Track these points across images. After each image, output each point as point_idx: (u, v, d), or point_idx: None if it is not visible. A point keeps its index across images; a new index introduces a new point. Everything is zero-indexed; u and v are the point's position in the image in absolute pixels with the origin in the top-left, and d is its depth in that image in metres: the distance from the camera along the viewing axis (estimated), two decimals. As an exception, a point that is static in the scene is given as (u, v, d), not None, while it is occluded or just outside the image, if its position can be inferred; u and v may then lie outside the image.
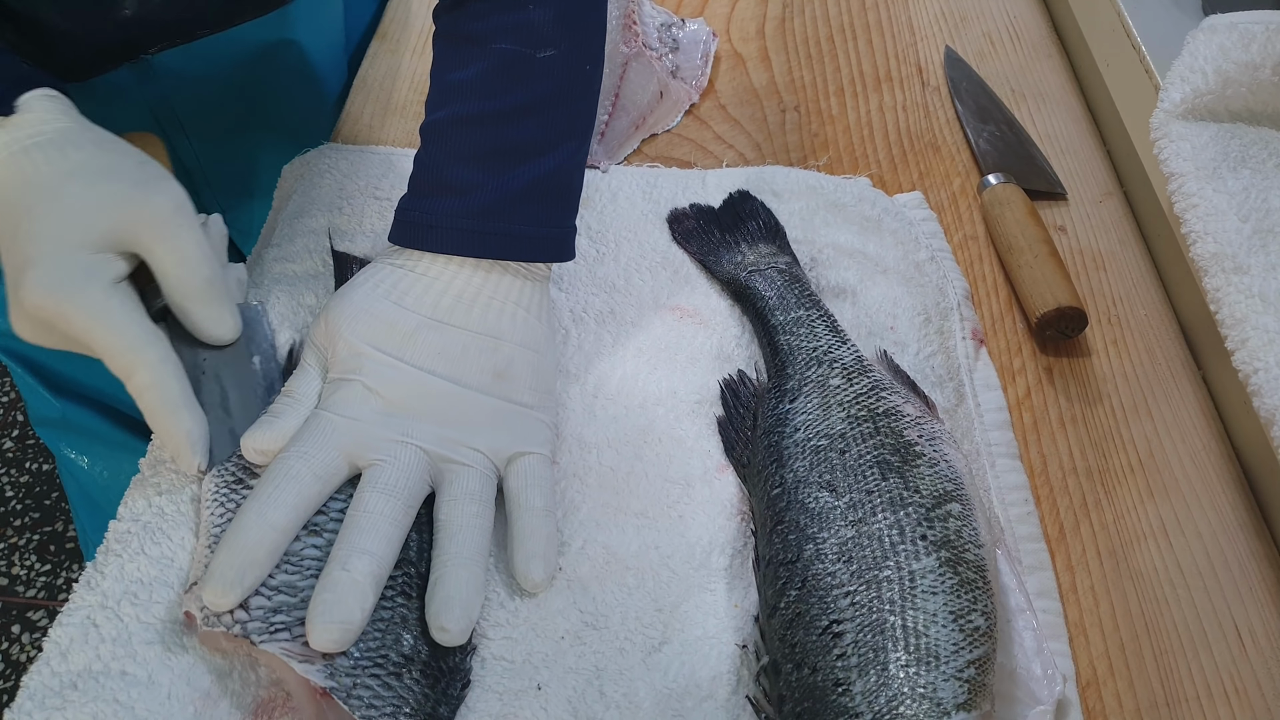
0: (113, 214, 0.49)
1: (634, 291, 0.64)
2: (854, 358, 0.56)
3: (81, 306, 0.47)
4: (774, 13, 0.89)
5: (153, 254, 0.50)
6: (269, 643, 0.44)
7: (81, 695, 0.46)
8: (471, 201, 0.54)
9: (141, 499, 0.53)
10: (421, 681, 0.45)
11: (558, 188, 0.57)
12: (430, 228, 0.54)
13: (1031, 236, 0.66)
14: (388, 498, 0.48)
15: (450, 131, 0.55)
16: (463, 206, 0.54)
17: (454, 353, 0.53)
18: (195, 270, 0.51)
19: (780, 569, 0.48)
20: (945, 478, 0.50)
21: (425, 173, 0.56)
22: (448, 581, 0.47)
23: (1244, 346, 0.54)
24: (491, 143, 0.54)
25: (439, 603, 0.47)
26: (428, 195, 0.55)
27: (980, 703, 0.42)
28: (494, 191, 0.54)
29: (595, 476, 0.55)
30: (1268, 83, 0.62)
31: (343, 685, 0.43)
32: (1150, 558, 0.55)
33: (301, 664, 0.44)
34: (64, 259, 0.48)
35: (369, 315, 0.53)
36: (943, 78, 0.82)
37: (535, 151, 0.55)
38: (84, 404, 0.78)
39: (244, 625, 0.45)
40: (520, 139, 0.55)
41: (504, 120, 0.54)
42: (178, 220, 0.51)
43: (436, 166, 0.55)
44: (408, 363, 0.52)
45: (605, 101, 0.78)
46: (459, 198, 0.54)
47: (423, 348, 0.52)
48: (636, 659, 0.49)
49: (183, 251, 0.51)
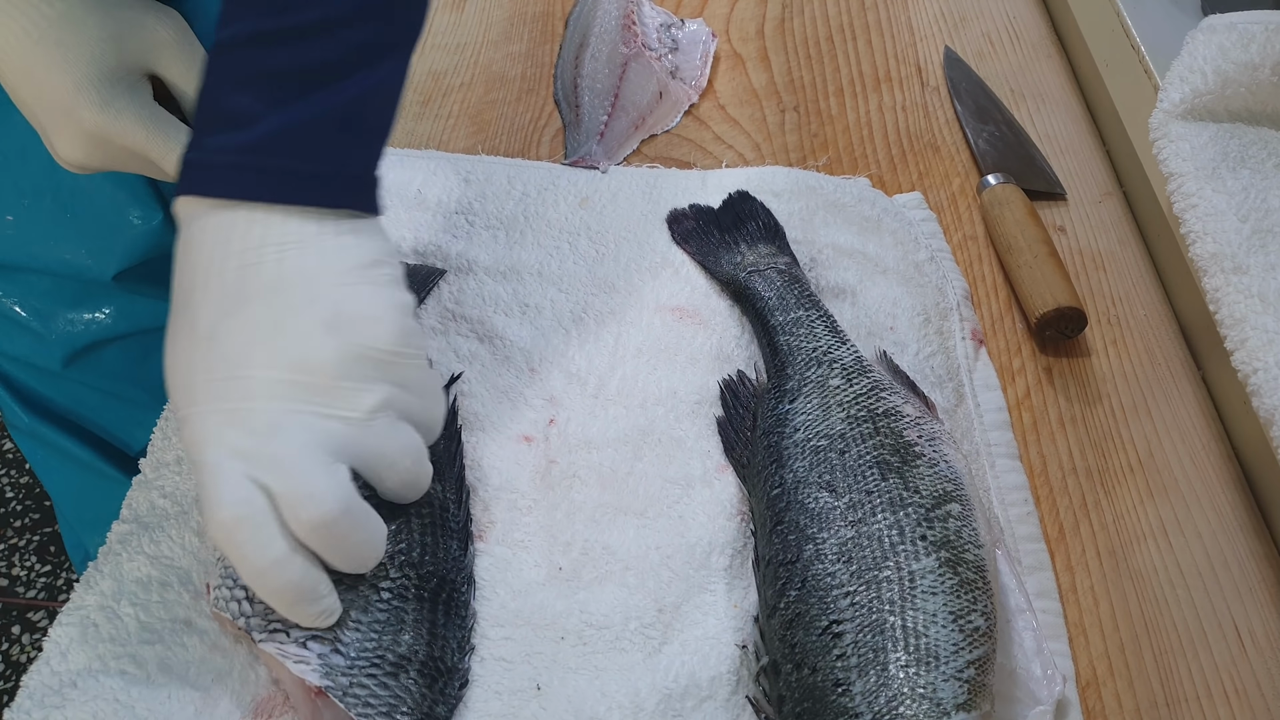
0: (136, 37, 0.53)
1: (634, 292, 0.64)
2: (854, 358, 0.56)
3: (138, 120, 0.53)
4: (773, 13, 0.89)
5: (170, 71, 0.55)
6: (266, 641, 0.45)
7: (81, 695, 0.46)
8: (248, 134, 0.45)
9: (142, 499, 0.53)
10: (419, 681, 0.45)
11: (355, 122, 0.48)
12: (203, 168, 0.46)
13: (1031, 236, 0.66)
14: None
15: (235, 53, 0.46)
16: (240, 140, 0.45)
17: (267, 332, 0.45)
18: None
19: (780, 569, 0.48)
20: (945, 478, 0.50)
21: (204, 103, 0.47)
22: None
23: (1243, 346, 0.54)
24: (281, 63, 0.46)
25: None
26: (205, 130, 0.46)
27: (980, 703, 0.42)
28: (276, 120, 0.46)
29: (595, 476, 0.55)
30: (1267, 83, 0.62)
31: (338, 684, 0.44)
32: (1150, 558, 0.55)
33: (296, 664, 0.44)
34: (111, 80, 0.52)
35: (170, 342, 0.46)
36: (942, 78, 0.82)
37: (330, 76, 0.47)
38: (53, 422, 0.78)
39: (247, 620, 0.45)
40: (314, 60, 0.46)
41: (297, 37, 0.46)
42: (186, 39, 0.55)
43: (215, 94, 0.46)
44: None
45: (605, 102, 0.78)
46: (236, 131, 0.46)
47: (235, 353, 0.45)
48: (637, 659, 0.49)
49: (196, 67, 0.55)
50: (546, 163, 0.73)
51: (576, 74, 0.81)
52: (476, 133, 0.79)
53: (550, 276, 0.65)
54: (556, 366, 0.60)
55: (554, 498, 0.55)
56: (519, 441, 0.57)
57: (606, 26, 0.83)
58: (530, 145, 0.78)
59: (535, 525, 0.54)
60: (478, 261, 0.66)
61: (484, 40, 0.88)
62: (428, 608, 0.48)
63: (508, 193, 0.70)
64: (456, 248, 0.66)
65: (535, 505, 0.54)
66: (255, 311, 0.45)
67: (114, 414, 0.79)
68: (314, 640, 0.45)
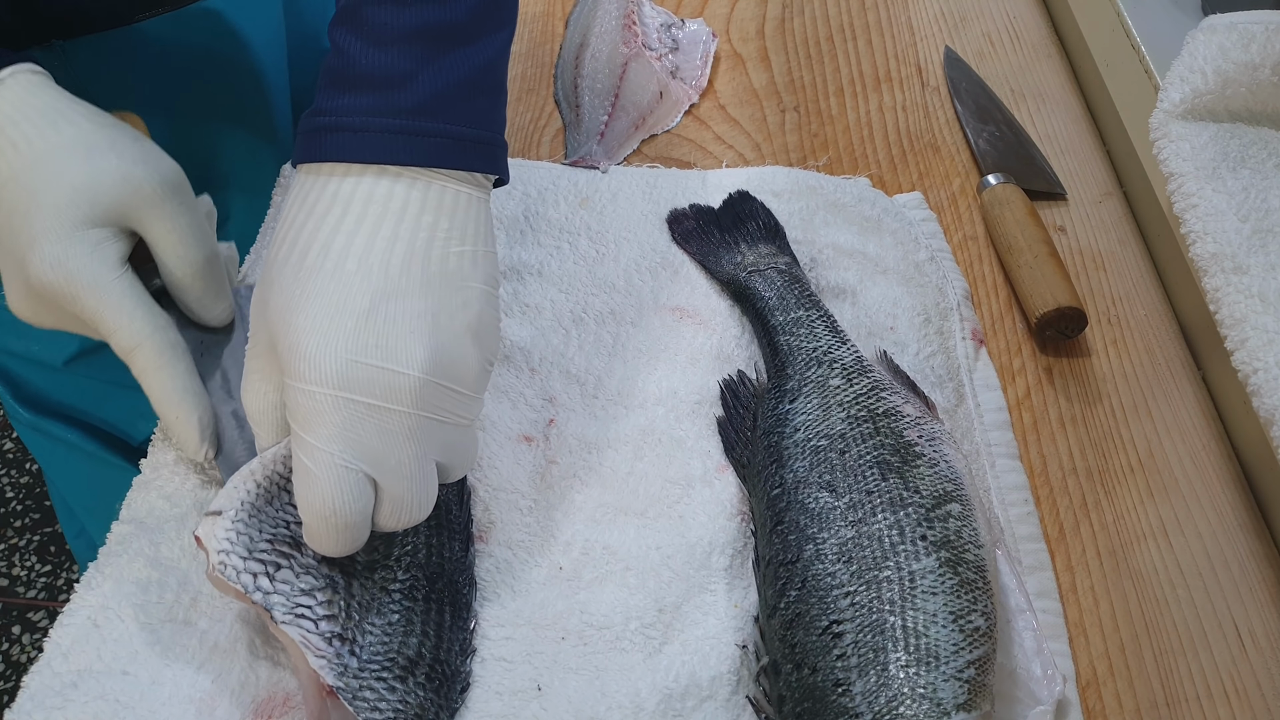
0: (114, 190, 0.47)
1: (634, 292, 0.64)
2: (854, 358, 0.56)
3: (90, 286, 0.46)
4: (774, 13, 0.89)
5: (152, 232, 0.49)
6: (291, 625, 0.44)
7: (82, 695, 0.46)
8: (402, 96, 0.44)
9: (142, 501, 0.53)
10: (425, 685, 0.45)
11: (496, 85, 0.48)
12: (353, 132, 0.43)
13: (1031, 236, 0.66)
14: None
15: (367, 11, 0.44)
16: (392, 102, 0.44)
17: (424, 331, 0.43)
18: (196, 249, 0.49)
19: (780, 569, 0.48)
20: (945, 478, 0.50)
21: (338, 66, 0.45)
22: None
23: (1244, 346, 0.54)
24: (421, 21, 0.44)
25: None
26: (344, 93, 0.44)
27: (980, 703, 0.42)
28: (429, 81, 0.44)
29: (595, 476, 0.55)
30: (1267, 83, 0.62)
31: (350, 686, 0.43)
32: (1150, 558, 0.55)
33: (317, 658, 0.43)
34: (72, 236, 0.46)
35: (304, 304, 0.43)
36: (942, 78, 0.82)
37: (469, 37, 0.46)
38: (53, 417, 0.77)
39: (267, 597, 0.44)
40: (453, 19, 0.45)
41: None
42: (178, 197, 0.49)
43: (352, 56, 0.44)
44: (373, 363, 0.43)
45: (605, 102, 0.78)
46: (385, 92, 0.44)
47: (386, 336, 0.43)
48: (637, 659, 0.49)
49: (183, 230, 0.49)
50: (546, 163, 0.73)
51: (577, 74, 0.81)
52: (476, 133, 0.79)
53: (550, 276, 0.65)
54: (556, 366, 0.60)
55: (554, 498, 0.55)
56: (519, 441, 0.57)
57: (607, 26, 0.83)
58: (530, 145, 0.78)
59: (535, 525, 0.54)
60: (478, 262, 0.66)
61: (484, 40, 0.88)
62: (434, 609, 0.48)
63: (508, 193, 0.70)
64: (457, 248, 0.66)
65: (535, 505, 0.54)
66: (415, 304, 0.43)
67: (116, 407, 0.78)
68: (336, 638, 0.44)
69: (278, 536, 0.46)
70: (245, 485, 0.47)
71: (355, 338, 0.42)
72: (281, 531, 0.46)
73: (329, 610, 0.45)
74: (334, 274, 0.43)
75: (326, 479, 0.42)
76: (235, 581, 0.44)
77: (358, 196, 0.44)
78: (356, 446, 0.42)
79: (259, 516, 0.46)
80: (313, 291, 0.43)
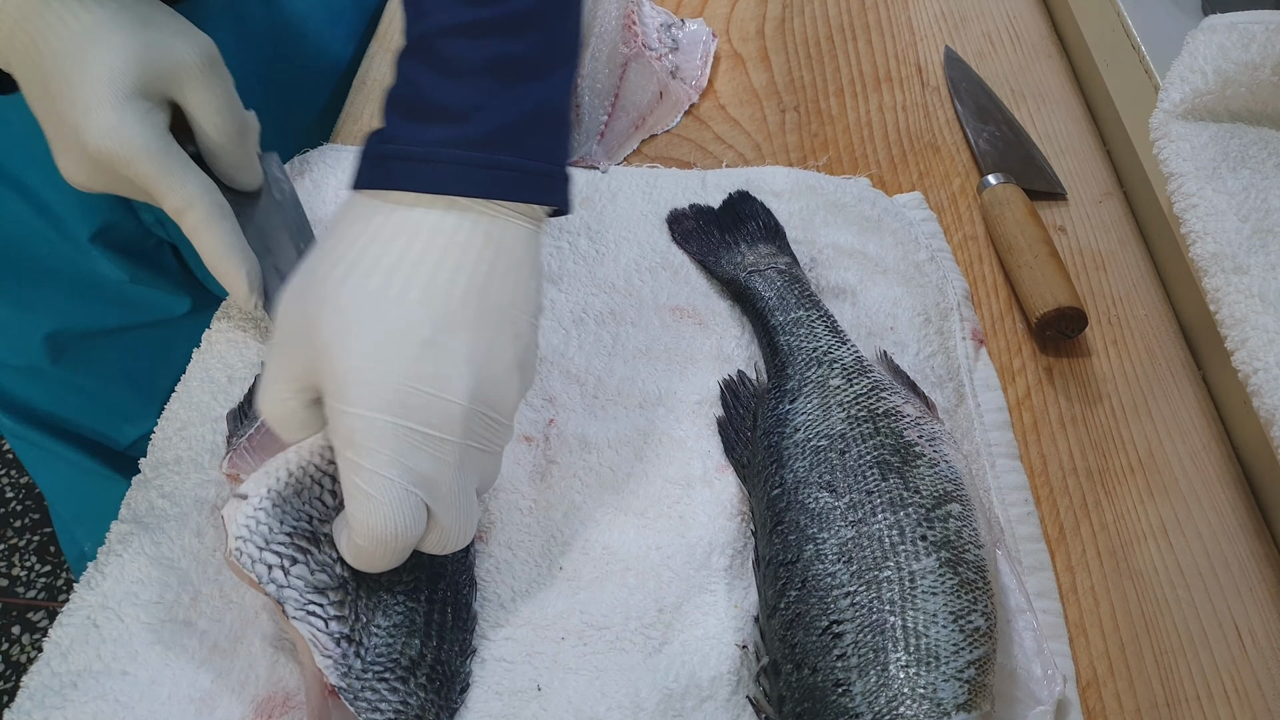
0: (159, 61, 0.51)
1: (634, 292, 0.64)
2: (854, 358, 0.56)
3: (145, 151, 0.50)
4: (774, 13, 0.89)
5: (192, 101, 0.53)
6: (301, 621, 0.44)
7: (82, 695, 0.46)
8: (471, 128, 0.44)
9: (142, 499, 0.53)
10: (426, 686, 0.45)
11: (560, 119, 0.48)
12: (422, 162, 0.44)
13: (1031, 236, 0.66)
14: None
15: (439, 43, 0.45)
16: (460, 134, 0.44)
17: (478, 363, 0.44)
18: (231, 118, 0.54)
19: (780, 569, 0.48)
20: (945, 478, 0.50)
21: (407, 96, 0.45)
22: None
23: (1244, 346, 0.54)
24: (491, 54, 0.45)
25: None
26: (413, 123, 0.45)
27: (980, 703, 0.42)
28: (497, 114, 0.44)
29: (595, 476, 0.55)
30: (1267, 83, 0.62)
31: (352, 687, 0.43)
32: (1150, 558, 0.55)
33: (324, 658, 0.43)
34: (124, 105, 0.50)
35: (363, 327, 0.43)
36: (942, 78, 0.82)
37: (536, 71, 0.46)
38: (37, 425, 0.77)
39: (280, 590, 0.44)
40: (521, 53, 0.45)
41: (503, 30, 0.45)
42: (215, 69, 0.53)
43: (421, 87, 0.45)
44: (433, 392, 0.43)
45: (605, 102, 0.78)
46: (454, 124, 0.44)
47: (443, 365, 0.43)
48: (637, 659, 0.49)
49: (220, 100, 0.53)
50: (546, 163, 0.73)
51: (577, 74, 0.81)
52: (476, 133, 0.79)
53: (550, 276, 0.65)
54: (556, 366, 0.60)
55: (554, 498, 0.55)
56: (519, 441, 0.57)
57: (606, 26, 0.83)
58: (530, 145, 0.78)
59: (535, 525, 0.54)
60: (478, 261, 0.66)
61: (484, 40, 0.88)
62: (436, 610, 0.48)
63: (508, 193, 0.70)
64: (457, 248, 0.66)
65: (535, 505, 0.54)
66: (471, 335, 0.44)
67: (98, 410, 0.78)
68: (344, 639, 0.44)
69: (298, 530, 0.46)
70: (277, 473, 0.46)
71: (415, 366, 0.43)
72: (303, 526, 0.46)
73: (339, 611, 0.45)
74: (398, 301, 0.43)
75: (389, 503, 0.42)
76: (249, 570, 0.44)
77: (425, 227, 0.44)
78: (412, 473, 0.43)
79: (283, 507, 0.46)
80: (375, 316, 0.43)
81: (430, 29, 0.45)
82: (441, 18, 0.45)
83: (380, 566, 0.45)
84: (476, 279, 0.44)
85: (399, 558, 0.45)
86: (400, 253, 0.44)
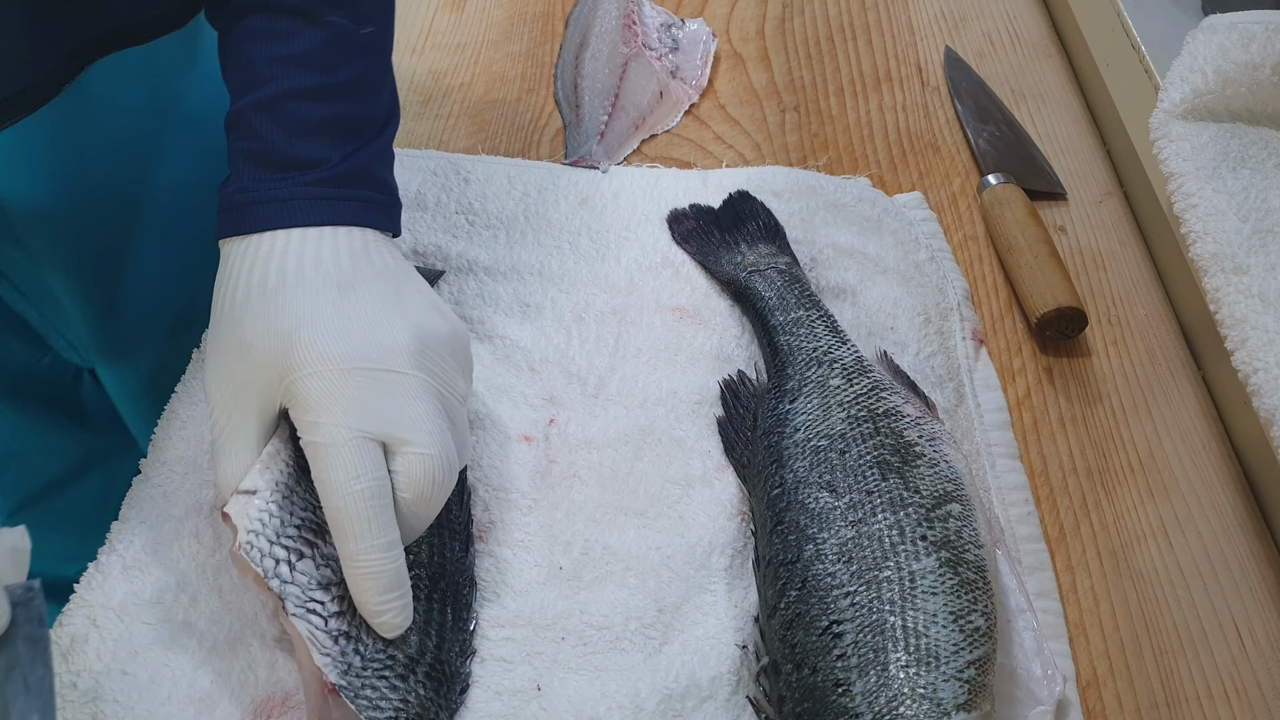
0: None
1: (634, 291, 0.64)
2: (854, 358, 0.56)
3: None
4: (774, 13, 0.89)
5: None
6: (300, 619, 0.44)
7: (82, 695, 0.46)
8: (323, 172, 0.50)
9: (142, 499, 0.53)
10: (426, 684, 0.45)
11: (389, 161, 0.55)
12: (284, 201, 0.49)
13: (1031, 236, 0.66)
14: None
15: (288, 107, 0.50)
16: (314, 177, 0.50)
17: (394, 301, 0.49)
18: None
19: (780, 569, 0.48)
20: (945, 478, 0.50)
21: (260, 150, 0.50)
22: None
23: (1244, 346, 0.54)
24: (340, 116, 0.51)
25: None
26: (270, 176, 0.50)
27: (980, 703, 0.42)
28: (344, 164, 0.51)
29: (595, 476, 0.55)
30: (1267, 83, 0.62)
31: (352, 685, 0.43)
32: (1150, 558, 0.55)
33: (322, 655, 0.43)
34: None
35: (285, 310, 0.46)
36: (942, 78, 0.82)
37: (374, 128, 0.54)
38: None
39: (284, 585, 0.44)
40: (361, 114, 0.53)
41: (345, 95, 0.52)
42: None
43: (275, 144, 0.50)
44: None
45: (605, 102, 0.78)
46: (308, 171, 0.50)
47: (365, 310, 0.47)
48: (637, 659, 0.49)
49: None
50: (546, 163, 0.73)
51: (577, 74, 0.81)
52: (476, 133, 0.79)
53: (550, 276, 0.65)
54: (556, 366, 0.60)
55: (554, 498, 0.55)
56: (519, 441, 0.57)
57: (607, 26, 0.83)
58: (530, 145, 0.78)
59: (535, 525, 0.54)
60: (478, 261, 0.66)
61: (484, 40, 0.88)
62: (436, 609, 0.48)
63: (508, 193, 0.70)
64: (456, 248, 0.66)
65: (535, 505, 0.54)
66: (376, 287, 0.48)
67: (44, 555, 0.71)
68: (342, 637, 0.44)
69: (305, 522, 0.46)
70: (275, 465, 0.46)
71: (339, 318, 0.46)
72: (309, 517, 0.46)
73: (339, 607, 0.45)
74: (297, 282, 0.47)
75: (346, 449, 0.43)
76: (258, 564, 0.44)
77: (294, 237, 0.49)
78: (371, 415, 0.44)
79: (290, 498, 0.46)
80: (285, 300, 0.46)
81: (277, 93, 0.50)
82: (289, 83, 0.50)
83: (372, 533, 0.43)
84: (356, 251, 0.49)
85: (377, 505, 0.44)
86: (281, 257, 0.48)
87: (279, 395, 0.46)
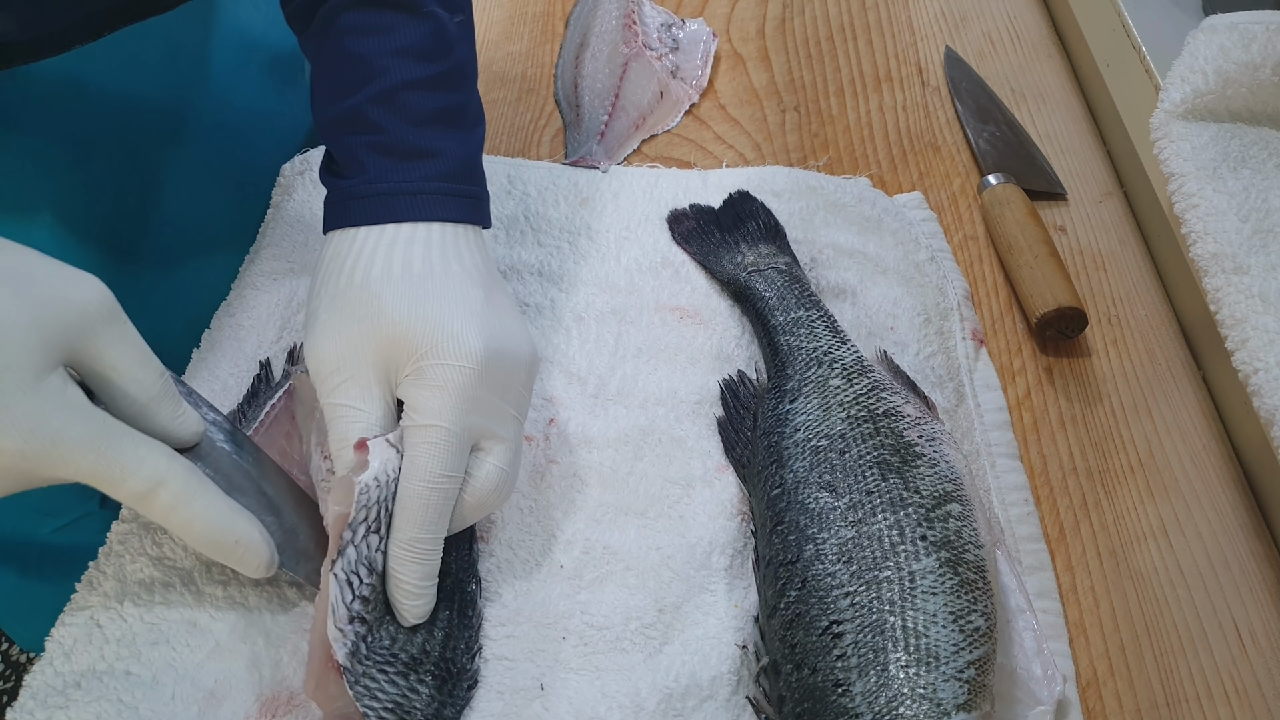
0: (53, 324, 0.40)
1: (634, 291, 0.64)
2: (854, 358, 0.56)
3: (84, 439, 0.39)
4: (774, 13, 0.89)
5: (106, 357, 0.42)
6: (338, 583, 0.44)
7: (85, 695, 0.46)
8: (443, 165, 0.52)
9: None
10: (429, 683, 0.46)
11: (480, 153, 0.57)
12: (413, 195, 0.51)
13: (1031, 236, 0.66)
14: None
15: (404, 97, 0.52)
16: (437, 170, 0.52)
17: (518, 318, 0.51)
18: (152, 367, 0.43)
19: (780, 569, 0.49)
20: (945, 478, 0.50)
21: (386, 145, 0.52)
22: None
23: (1244, 346, 0.54)
24: (449, 105, 0.53)
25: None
26: (396, 165, 0.52)
27: (980, 703, 0.43)
28: (459, 154, 0.53)
29: (595, 476, 0.56)
30: (1268, 83, 0.62)
31: (354, 670, 0.44)
32: (1150, 558, 0.55)
33: (335, 629, 0.43)
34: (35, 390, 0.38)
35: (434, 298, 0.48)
36: (943, 78, 0.82)
37: (476, 115, 0.56)
38: None
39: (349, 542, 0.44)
40: (465, 102, 0.54)
41: (449, 84, 0.53)
42: (117, 316, 0.42)
43: (399, 135, 0.52)
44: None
45: (605, 102, 0.78)
46: (430, 162, 0.52)
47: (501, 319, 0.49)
48: (638, 659, 0.49)
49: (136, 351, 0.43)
50: (546, 163, 0.73)
51: (577, 74, 0.81)
52: (477, 133, 0.79)
53: (550, 276, 0.65)
54: (556, 366, 0.60)
55: (554, 497, 0.55)
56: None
57: (607, 26, 0.83)
58: (530, 145, 0.78)
59: (536, 525, 0.54)
60: (479, 262, 0.66)
61: (484, 40, 0.88)
62: (443, 607, 0.48)
63: (508, 193, 0.70)
64: (457, 248, 0.66)
65: (535, 505, 0.54)
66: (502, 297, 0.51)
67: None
68: (359, 620, 0.45)
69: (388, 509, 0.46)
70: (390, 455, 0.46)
71: (486, 319, 0.48)
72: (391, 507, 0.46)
73: (369, 594, 0.45)
74: (444, 274, 0.49)
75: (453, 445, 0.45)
76: (360, 505, 0.44)
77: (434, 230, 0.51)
78: (482, 420, 0.47)
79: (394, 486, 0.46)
80: (434, 288, 0.48)
81: (395, 84, 0.52)
82: (404, 74, 0.52)
83: (434, 512, 0.45)
84: (482, 249, 0.52)
85: (446, 518, 0.46)
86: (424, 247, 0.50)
87: (405, 370, 0.47)
